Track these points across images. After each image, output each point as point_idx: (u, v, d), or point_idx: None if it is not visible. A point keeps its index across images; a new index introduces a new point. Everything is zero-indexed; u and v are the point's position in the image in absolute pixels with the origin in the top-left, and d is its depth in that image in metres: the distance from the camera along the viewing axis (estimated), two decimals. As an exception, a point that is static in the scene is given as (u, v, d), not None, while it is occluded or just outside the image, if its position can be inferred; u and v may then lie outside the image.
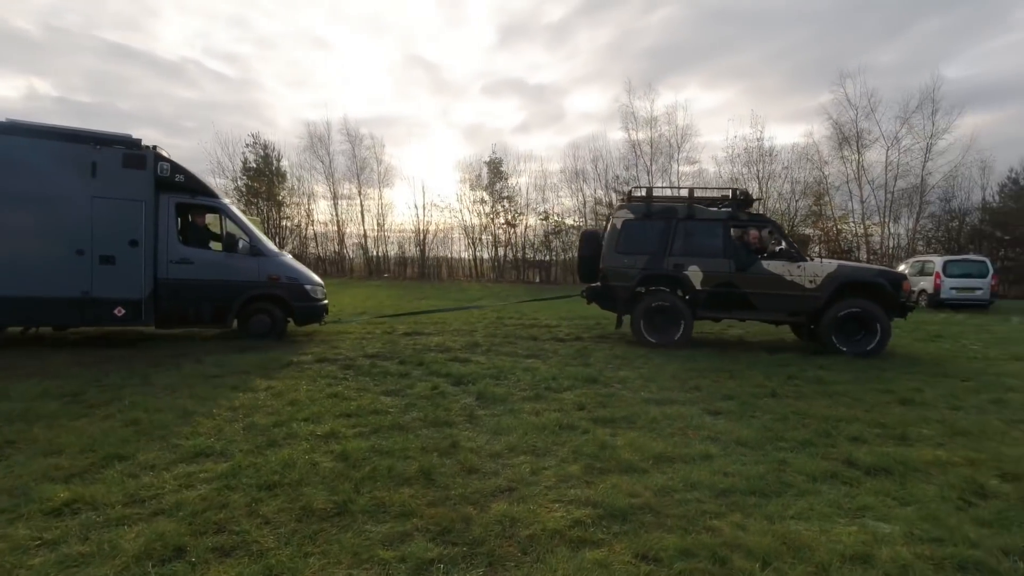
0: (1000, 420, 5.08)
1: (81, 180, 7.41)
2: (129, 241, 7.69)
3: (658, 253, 8.95)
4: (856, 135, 30.37)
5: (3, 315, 7.45)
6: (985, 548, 2.74)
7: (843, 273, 8.62)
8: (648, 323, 8.88)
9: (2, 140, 7.22)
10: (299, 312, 8.90)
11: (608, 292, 9.22)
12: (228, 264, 8.41)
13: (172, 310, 8.16)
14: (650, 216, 9.09)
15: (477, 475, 3.56)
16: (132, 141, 7.83)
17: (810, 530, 2.89)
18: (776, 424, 4.77)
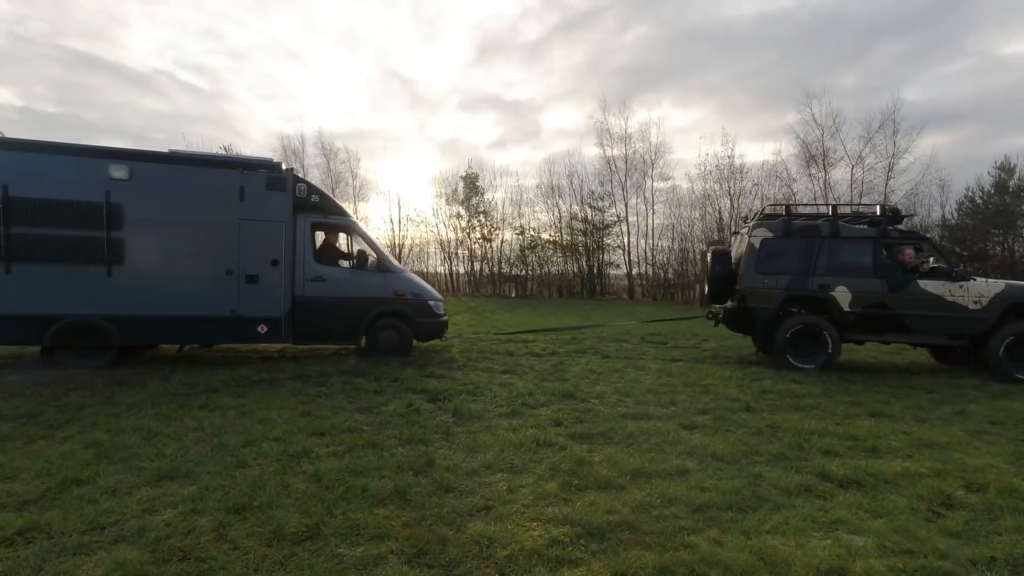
0: (964, 431, 5.23)
1: (230, 204, 7.81)
2: (271, 261, 8.01)
3: (801, 273, 8.52)
4: (822, 153, 31.34)
5: (160, 333, 7.88)
6: (954, 559, 2.80)
7: (1013, 293, 8.07)
8: (792, 346, 8.48)
9: (165, 169, 7.65)
10: (424, 328, 9.03)
11: (746, 314, 8.77)
12: (357, 281, 8.69)
13: (307, 327, 8.39)
14: (791, 234, 8.65)
15: (453, 494, 3.51)
16: (274, 164, 8.23)
17: (786, 545, 2.91)
18: (751, 438, 4.82)
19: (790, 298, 8.60)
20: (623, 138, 33.51)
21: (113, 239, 7.40)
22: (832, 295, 8.40)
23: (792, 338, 8.46)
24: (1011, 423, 5.54)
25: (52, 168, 7.26)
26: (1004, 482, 3.83)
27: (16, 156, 7.22)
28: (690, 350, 10.54)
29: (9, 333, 7.30)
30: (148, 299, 7.57)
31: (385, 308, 8.73)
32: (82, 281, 7.36)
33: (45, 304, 7.24)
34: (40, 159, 7.27)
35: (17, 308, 7.16)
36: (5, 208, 7.07)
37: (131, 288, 7.51)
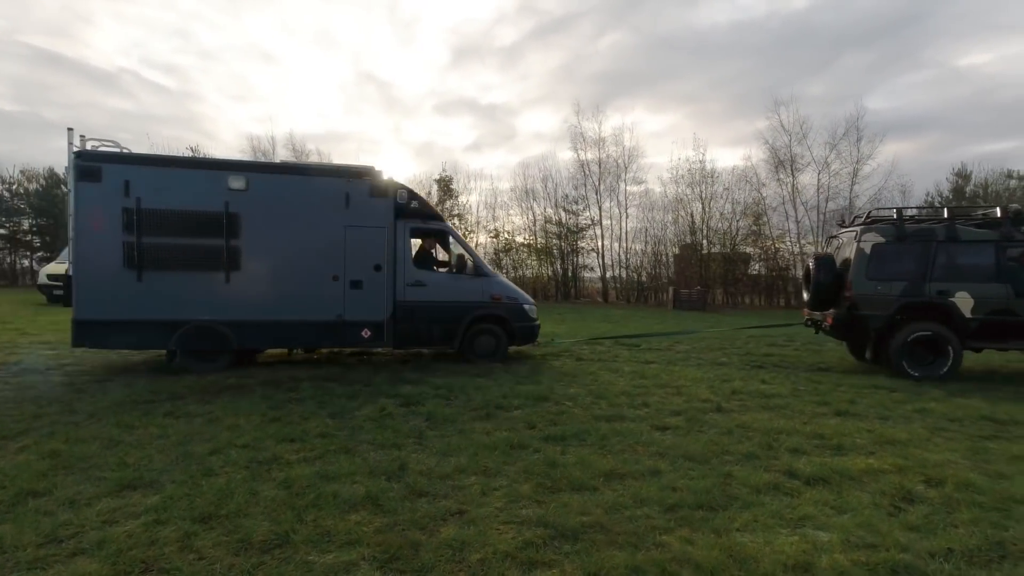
0: (924, 428, 5.41)
1: (337, 211, 8.05)
2: (374, 266, 8.21)
3: (917, 279, 8.19)
4: (790, 159, 32.13)
5: (272, 338, 8.13)
6: (914, 552, 2.89)
7: None
8: (909, 355, 8.14)
9: (276, 179, 7.99)
10: (519, 332, 9.10)
11: (857, 322, 8.45)
12: (455, 285, 8.81)
13: (408, 331, 8.49)
14: (904, 238, 8.29)
15: (426, 498, 3.49)
16: (376, 172, 8.35)
17: (755, 542, 2.97)
18: (722, 438, 4.91)
19: (905, 305, 8.23)
20: (597, 142, 33.83)
21: (231, 247, 7.69)
22: (952, 301, 8.05)
23: (909, 347, 8.12)
24: (968, 420, 5.75)
25: (178, 181, 7.60)
26: (961, 477, 3.97)
27: (147, 170, 7.57)
28: (663, 352, 10.67)
29: (140, 338, 7.69)
30: (261, 304, 7.88)
31: (482, 312, 8.83)
32: (203, 287, 7.68)
33: (171, 310, 7.55)
34: (168, 172, 7.66)
35: (147, 314, 7.48)
36: (139, 220, 7.37)
37: (246, 294, 7.81)
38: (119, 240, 7.37)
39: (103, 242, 7.36)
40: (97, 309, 7.36)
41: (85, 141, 7.69)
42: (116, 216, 7.36)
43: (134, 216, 7.37)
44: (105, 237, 7.35)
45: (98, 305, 7.36)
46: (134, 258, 7.40)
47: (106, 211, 7.35)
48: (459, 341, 8.75)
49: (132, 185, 7.38)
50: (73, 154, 7.42)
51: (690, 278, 30.34)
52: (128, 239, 7.38)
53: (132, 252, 7.38)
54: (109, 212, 7.35)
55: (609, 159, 33.58)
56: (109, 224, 7.35)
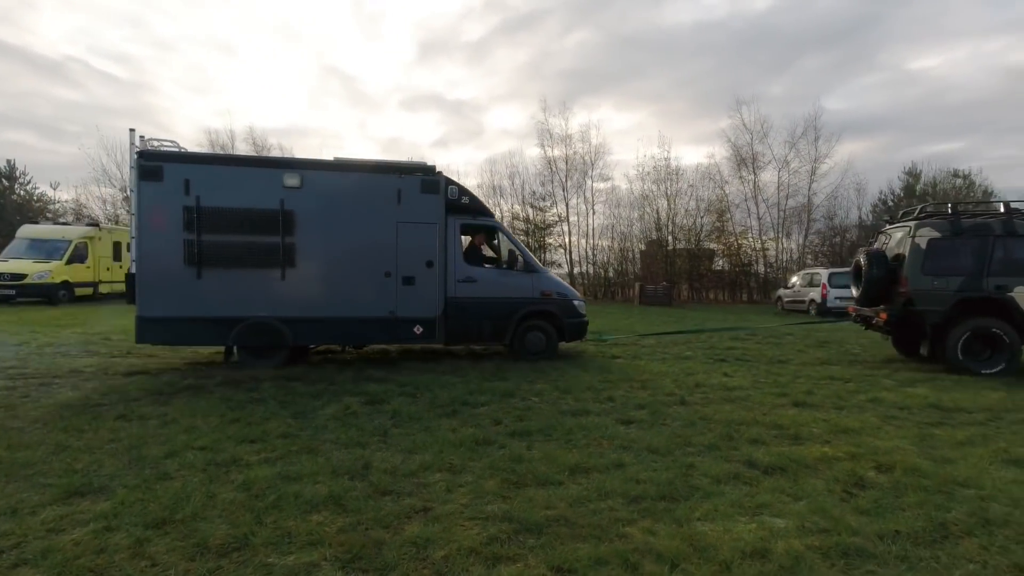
0: (876, 417, 5.64)
1: (389, 207, 8.07)
2: (426, 262, 8.21)
3: (974, 274, 8.16)
4: (752, 157, 33.02)
5: (325, 334, 8.19)
6: (864, 535, 3.01)
7: None
8: (967, 350, 8.17)
9: (330, 176, 8.02)
10: (569, 328, 9.04)
11: (913, 317, 8.41)
12: (506, 281, 8.84)
13: (459, 328, 8.51)
14: (961, 233, 8.27)
15: (390, 496, 3.46)
16: (428, 168, 8.39)
17: (715, 530, 3.05)
18: (685, 430, 5.01)
19: (962, 300, 8.18)
20: (564, 139, 34.07)
21: (287, 244, 7.76)
22: (1011, 296, 8.05)
23: (968, 342, 8.15)
24: (917, 408, 6.02)
25: (236, 179, 7.72)
26: (909, 462, 4.15)
27: (206, 169, 7.71)
28: (630, 347, 10.83)
29: (199, 335, 7.83)
30: (315, 301, 7.96)
31: (533, 308, 8.82)
32: (260, 284, 7.78)
33: (229, 307, 7.66)
34: (226, 171, 7.82)
35: (207, 311, 7.60)
36: (199, 217, 7.46)
37: (301, 291, 7.90)
38: (180, 238, 7.48)
39: (165, 240, 7.48)
40: (159, 306, 7.50)
41: (146, 141, 7.79)
42: (177, 214, 7.47)
43: (194, 214, 7.46)
44: (166, 235, 7.47)
45: (160, 302, 7.50)
46: (194, 256, 7.50)
47: (167, 210, 7.47)
48: (510, 337, 8.75)
49: (192, 184, 7.48)
50: (135, 154, 7.53)
51: (656, 274, 30.86)
52: (188, 237, 7.49)
53: (192, 250, 7.49)
54: (170, 211, 7.46)
55: (576, 156, 33.88)
56: (170, 222, 7.47)
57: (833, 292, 19.91)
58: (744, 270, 33.36)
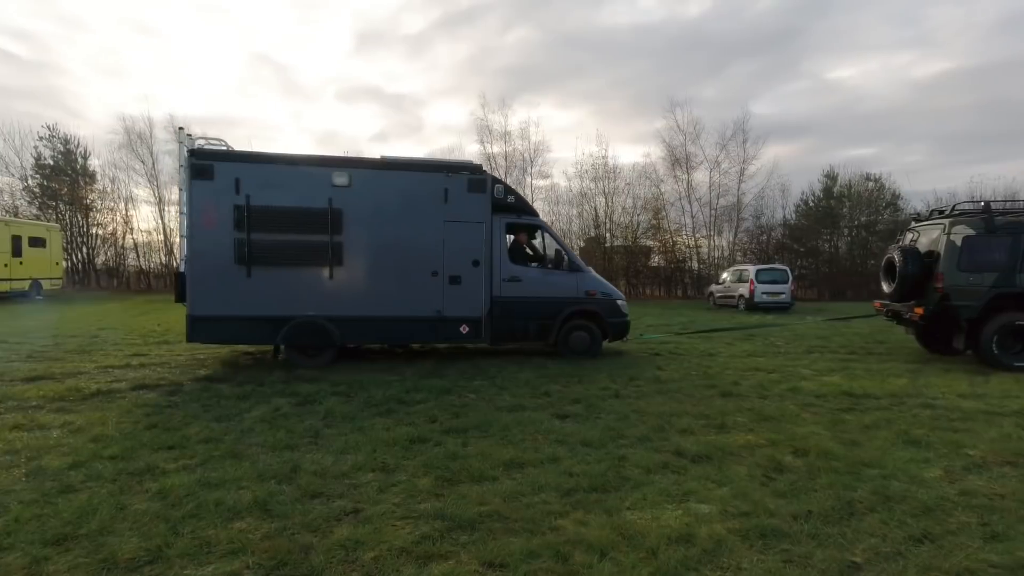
0: (795, 405, 6.00)
1: (436, 206, 8.08)
2: (472, 261, 8.23)
3: (1008, 270, 8.38)
4: (685, 157, 34.30)
5: (373, 334, 8.27)
6: (780, 516, 3.20)
7: None
8: (1001, 344, 8.41)
9: (378, 175, 8.07)
10: (612, 327, 9.10)
11: (949, 312, 8.59)
12: (550, 280, 8.83)
13: (504, 327, 8.52)
14: (994, 231, 8.47)
15: (320, 499, 3.37)
16: (475, 166, 8.49)
17: (643, 518, 3.16)
18: (618, 423, 5.16)
19: (997, 295, 8.39)
20: (503, 136, 34.17)
21: (335, 243, 7.75)
22: None
23: (1002, 336, 8.40)
24: (831, 396, 6.44)
25: (285, 177, 7.71)
26: (823, 447, 4.45)
27: (256, 167, 7.65)
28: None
29: (249, 333, 7.89)
30: (363, 300, 7.95)
31: (577, 308, 8.84)
32: (309, 283, 7.81)
33: (278, 306, 7.68)
34: (275, 169, 7.75)
35: (256, 310, 7.61)
36: (249, 216, 7.45)
37: (349, 290, 7.90)
38: (231, 237, 7.49)
39: (216, 239, 7.49)
40: (210, 305, 7.51)
41: (193, 140, 7.72)
42: (228, 213, 7.47)
43: (244, 213, 7.46)
44: (217, 234, 7.48)
45: (211, 301, 7.52)
46: (244, 255, 7.51)
47: (218, 208, 7.48)
48: (554, 337, 8.76)
49: (242, 182, 7.49)
50: (187, 152, 7.51)
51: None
52: (239, 236, 7.49)
53: (243, 249, 7.50)
54: (221, 209, 7.47)
55: (516, 153, 34.07)
56: (221, 221, 7.48)
57: (760, 288, 20.99)
58: (679, 267, 34.62)
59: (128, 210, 32.85)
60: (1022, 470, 4.04)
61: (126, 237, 33.05)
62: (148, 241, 33.33)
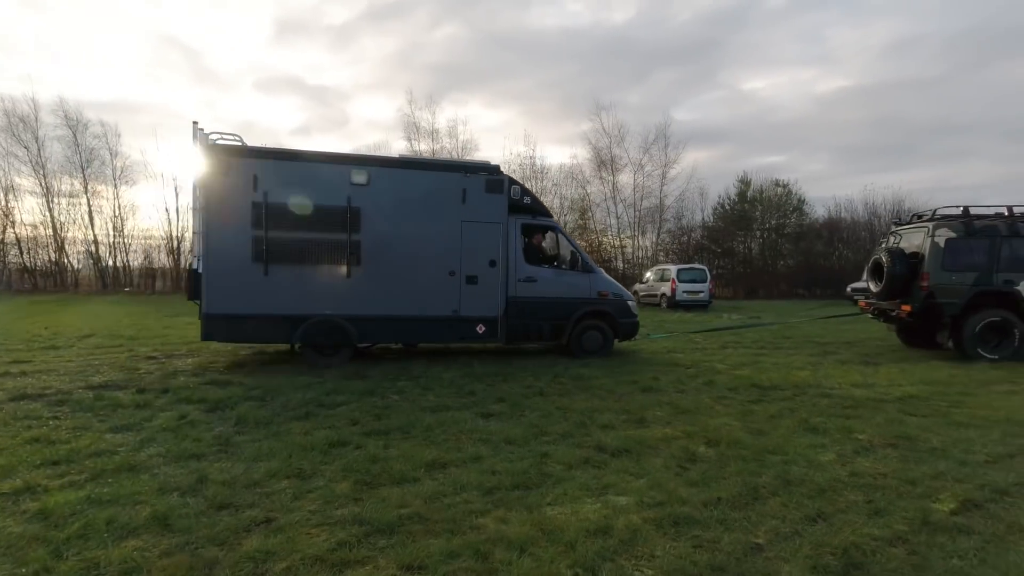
0: (709, 398, 6.33)
1: (454, 206, 8.12)
2: (489, 261, 8.32)
3: (986, 270, 9.07)
4: (611, 159, 35.44)
5: (390, 333, 8.30)
6: (692, 504, 3.37)
7: None
8: (981, 339, 9.04)
9: (396, 173, 8.05)
10: (622, 328, 9.30)
11: (934, 309, 9.19)
12: (564, 281, 8.97)
13: (519, 327, 8.62)
14: (973, 233, 9.17)
15: (228, 510, 3.20)
16: (493, 167, 8.51)
17: (563, 513, 3.22)
18: (542, 420, 5.24)
19: (978, 293, 9.10)
20: (431, 133, 33.91)
21: (353, 241, 7.74)
22: (1017, 289, 9.05)
23: (981, 331, 9.06)
24: (742, 388, 6.85)
25: (303, 174, 7.63)
26: (733, 437, 4.73)
27: (274, 164, 7.58)
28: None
29: (265, 332, 7.80)
30: (381, 300, 7.94)
31: (590, 308, 9.00)
32: (326, 282, 7.79)
33: (295, 304, 7.63)
34: (293, 166, 7.68)
35: (273, 308, 7.55)
36: (267, 214, 7.37)
37: (367, 289, 7.87)
38: (248, 235, 7.39)
39: (233, 236, 7.38)
40: (226, 303, 7.39)
41: (207, 136, 7.51)
42: (245, 210, 7.36)
43: (262, 210, 7.37)
44: (234, 231, 7.37)
45: (227, 299, 7.39)
46: (262, 252, 7.42)
47: (235, 205, 7.36)
48: (567, 337, 8.89)
49: (260, 179, 7.39)
50: (204, 147, 7.36)
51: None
52: (257, 233, 7.39)
53: (260, 246, 7.40)
54: (239, 206, 7.36)
55: (444, 151, 33.83)
56: (238, 218, 7.36)
57: (682, 287, 22.00)
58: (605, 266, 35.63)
59: (8, 201, 29.81)
60: (902, 451, 4.47)
61: (6, 231, 29.97)
62: (34, 236, 30.36)
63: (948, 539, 2.97)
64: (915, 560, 2.76)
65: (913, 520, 3.17)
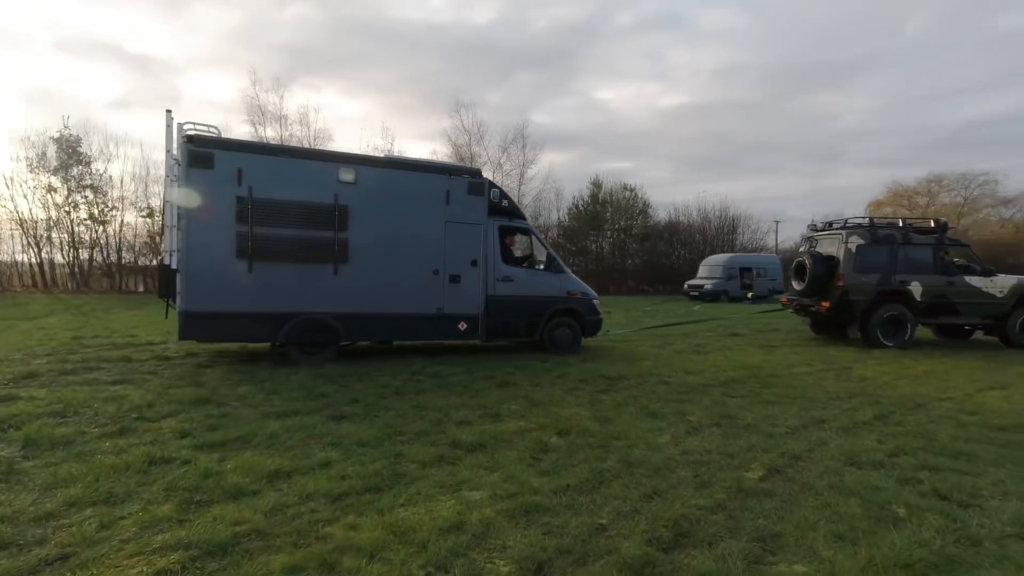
0: (562, 390, 6.67)
1: (438, 207, 8.46)
2: (471, 261, 8.67)
3: (887, 272, 10.80)
4: (470, 157, 35.82)
5: (376, 331, 8.45)
6: (543, 493, 3.53)
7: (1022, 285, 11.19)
8: (882, 330, 10.69)
9: (383, 173, 8.26)
10: (589, 325, 9.90)
11: (849, 306, 10.77)
12: (538, 280, 9.47)
13: (498, 324, 9.01)
14: (877, 241, 10.86)
15: (7, 552, 2.70)
16: (474, 171, 8.98)
17: (416, 514, 3.19)
18: (397, 420, 5.14)
19: (880, 292, 10.75)
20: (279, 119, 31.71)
21: (340, 239, 7.79)
22: (908, 289, 10.86)
23: (882, 324, 10.71)
24: (592, 379, 7.32)
25: (290, 170, 7.62)
26: (583, 426, 5.03)
27: (260, 159, 7.56)
28: (349, 341, 10.63)
29: (249, 331, 7.73)
30: (367, 297, 8.03)
31: (561, 306, 9.51)
32: (313, 280, 7.74)
33: (281, 302, 7.59)
34: (280, 162, 7.70)
35: (257, 306, 7.50)
36: (252, 209, 7.28)
37: (353, 287, 7.93)
38: (232, 230, 7.27)
39: (215, 232, 7.22)
40: (207, 301, 7.22)
41: (183, 126, 7.29)
42: (229, 205, 7.24)
43: (247, 205, 7.28)
44: (217, 227, 7.22)
45: (208, 296, 7.23)
46: (247, 249, 7.31)
47: (218, 200, 7.20)
48: (540, 333, 9.39)
49: (244, 173, 7.29)
50: (184, 138, 7.13)
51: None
52: (241, 229, 7.28)
53: (245, 242, 7.29)
54: (221, 201, 7.21)
55: (293, 139, 31.83)
56: (221, 213, 7.21)
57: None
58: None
59: None
60: (724, 428, 5.09)
61: None
62: None
63: (756, 502, 3.44)
64: (731, 524, 3.15)
65: (730, 489, 3.62)
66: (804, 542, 2.95)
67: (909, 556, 2.77)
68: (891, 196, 41.61)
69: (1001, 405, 6.23)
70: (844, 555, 2.79)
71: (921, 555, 2.79)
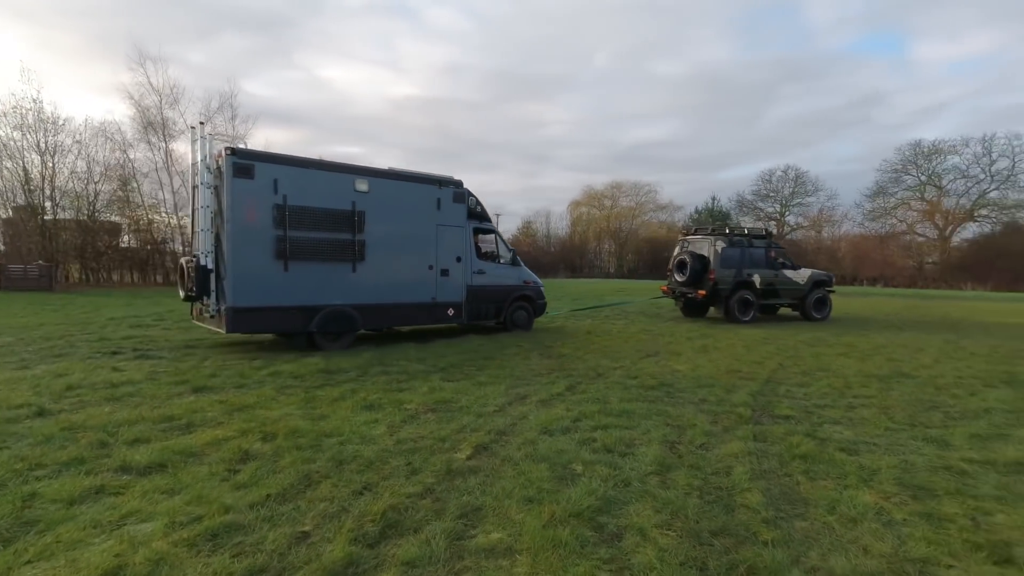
0: (273, 389, 6.14)
1: (432, 213, 10.35)
2: (456, 258, 10.71)
3: (741, 267, 14.84)
4: (162, 123, 30.64)
5: (385, 319, 10.09)
6: (237, 509, 3.16)
7: (814, 275, 16.01)
8: (737, 310, 14.72)
9: (389, 184, 9.80)
10: (539, 307, 12.59)
11: (718, 294, 14.65)
12: (502, 273, 11.72)
13: (475, 309, 11.17)
14: (733, 244, 14.91)
15: None
16: (458, 182, 10.81)
17: (54, 568, 2.54)
18: (35, 450, 4.04)
19: (737, 282, 14.79)
20: None
21: (358, 240, 9.32)
22: (752, 280, 14.99)
23: (737, 305, 14.75)
24: (308, 375, 6.91)
25: (316, 181, 8.93)
26: (292, 426, 4.69)
27: (291, 170, 8.66)
28: None
29: (287, 322, 8.83)
30: (379, 290, 9.70)
31: (519, 293, 11.97)
32: (336, 276, 9.20)
33: (312, 296, 8.92)
34: (308, 173, 8.88)
35: (293, 300, 8.72)
36: (287, 215, 8.47)
37: (368, 281, 9.53)
38: (271, 234, 8.37)
39: (257, 235, 8.28)
40: (252, 297, 8.28)
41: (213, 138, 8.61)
42: (267, 211, 8.35)
43: (284, 212, 8.41)
44: (258, 231, 8.28)
45: (253, 293, 8.29)
46: (284, 250, 8.45)
47: (259, 207, 8.28)
48: (504, 316, 11.66)
49: (280, 183, 8.43)
50: (228, 150, 8.10)
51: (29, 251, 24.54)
52: (278, 233, 8.40)
53: (282, 245, 8.42)
54: (261, 208, 8.30)
55: None
56: (261, 219, 8.30)
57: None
58: (158, 249, 30.82)
59: None
60: (440, 413, 5.31)
61: None
62: None
63: (462, 481, 3.65)
64: (437, 506, 3.28)
65: (439, 472, 3.78)
66: (500, 510, 3.24)
67: (579, 505, 3.27)
68: (586, 197, 49.43)
69: (653, 369, 7.89)
70: (531, 515, 3.15)
71: (589, 502, 3.31)
